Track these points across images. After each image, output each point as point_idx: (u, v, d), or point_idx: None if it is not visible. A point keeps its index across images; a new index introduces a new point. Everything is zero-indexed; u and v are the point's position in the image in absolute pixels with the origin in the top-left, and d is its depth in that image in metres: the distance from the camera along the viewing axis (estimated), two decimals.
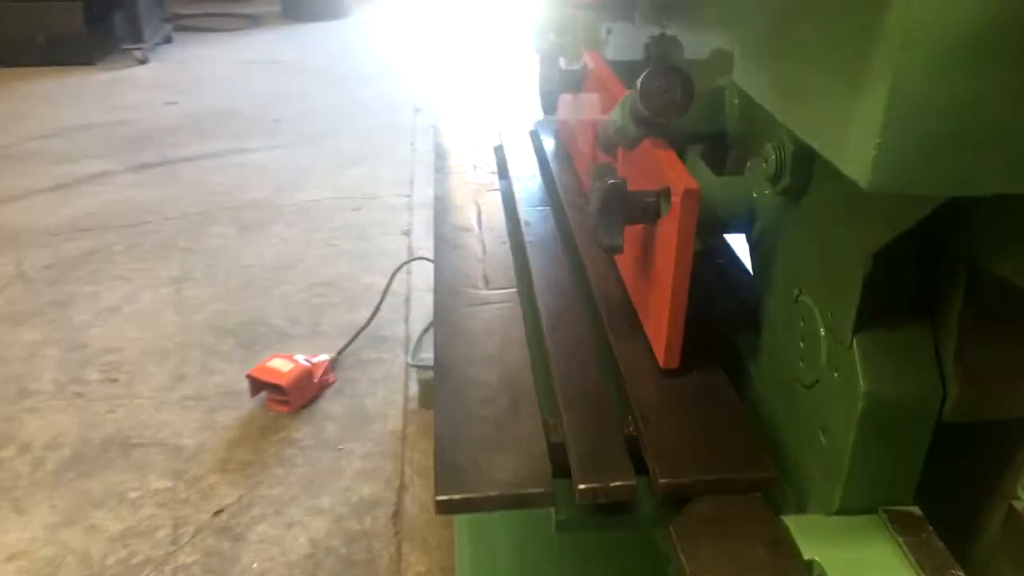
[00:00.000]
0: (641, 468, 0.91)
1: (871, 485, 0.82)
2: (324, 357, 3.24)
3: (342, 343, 3.44)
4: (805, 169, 0.87)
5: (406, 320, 3.65)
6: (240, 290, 3.80)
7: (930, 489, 0.84)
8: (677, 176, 0.94)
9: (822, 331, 0.86)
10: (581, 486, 0.87)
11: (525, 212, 1.44)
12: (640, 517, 0.90)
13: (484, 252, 1.33)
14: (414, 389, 3.25)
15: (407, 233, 4.32)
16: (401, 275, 3.86)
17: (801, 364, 0.90)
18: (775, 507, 0.87)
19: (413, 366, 3.28)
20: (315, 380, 3.15)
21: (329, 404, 3.15)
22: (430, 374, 3.12)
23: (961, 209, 0.72)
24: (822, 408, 0.86)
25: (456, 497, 0.85)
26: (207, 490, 2.71)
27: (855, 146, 0.57)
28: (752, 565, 0.78)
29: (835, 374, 0.83)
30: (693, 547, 0.80)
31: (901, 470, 0.82)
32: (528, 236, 1.36)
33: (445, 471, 0.87)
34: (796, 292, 0.91)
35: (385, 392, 3.23)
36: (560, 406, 0.99)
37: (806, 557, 0.79)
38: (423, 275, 3.87)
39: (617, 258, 1.21)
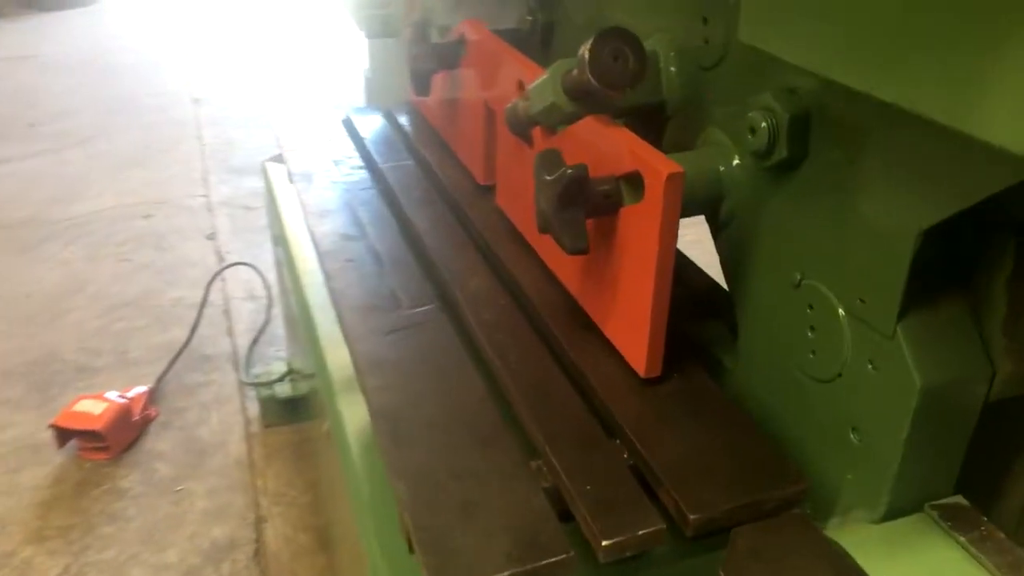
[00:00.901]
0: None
1: (920, 481, 0.74)
2: (141, 389, 2.87)
3: (159, 369, 3.07)
4: (803, 139, 0.76)
5: (229, 333, 3.32)
6: (22, 324, 3.31)
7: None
8: (653, 158, 0.80)
9: (843, 317, 0.76)
10: (605, 543, 0.72)
11: (412, 212, 1.25)
12: (665, 561, 0.77)
13: (383, 264, 1.13)
14: (253, 408, 2.96)
15: (212, 237, 3.93)
16: (214, 283, 3.51)
17: (812, 356, 0.80)
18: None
19: (248, 384, 2.98)
20: (135, 417, 2.78)
21: (156, 442, 2.80)
22: (271, 390, 2.84)
23: None
24: (850, 404, 0.77)
25: None
26: (23, 567, 2.31)
27: (1005, 111, 0.46)
28: None
29: (869, 366, 0.73)
30: None
31: (947, 460, 0.74)
32: (428, 241, 1.17)
33: (439, 562, 0.69)
34: (798, 276, 0.80)
35: (220, 417, 2.91)
36: (541, 443, 0.83)
37: None
38: (239, 281, 3.53)
39: (552, 258, 1.06)
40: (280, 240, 2.47)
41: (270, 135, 4.98)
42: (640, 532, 0.73)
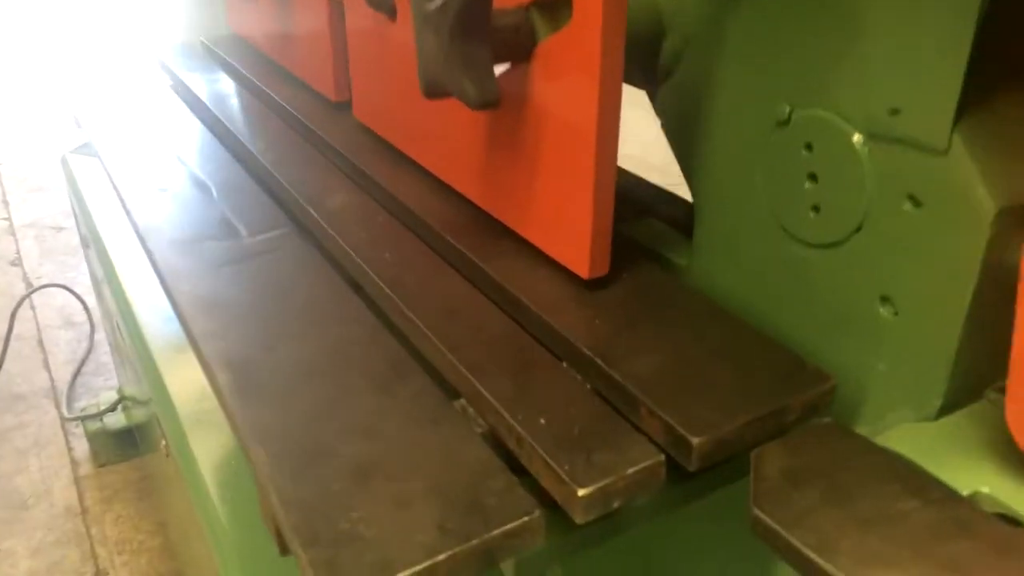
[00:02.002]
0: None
1: (986, 357, 0.54)
2: None
3: None
4: None
5: (46, 365, 2.87)
6: None
7: None
8: None
9: (860, 147, 0.55)
10: (582, 491, 0.48)
11: (245, 135, 0.97)
12: (661, 508, 0.54)
13: (209, 191, 0.84)
14: (82, 447, 2.54)
15: (16, 263, 3.43)
16: (23, 313, 3.03)
17: (814, 215, 0.59)
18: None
19: (73, 419, 2.56)
20: None
21: None
22: (101, 422, 2.43)
23: None
24: (878, 267, 0.56)
25: None
26: None
27: None
28: (918, 534, 0.46)
29: (907, 203, 0.53)
30: (812, 530, 0.46)
31: (1007, 328, 0.55)
32: (269, 161, 0.90)
33: (330, 555, 0.43)
34: (786, 109, 0.59)
35: (41, 462, 2.48)
36: (463, 376, 0.58)
37: (964, 492, 0.49)
38: (53, 308, 3.07)
39: (438, 161, 0.81)
40: (92, 240, 2.10)
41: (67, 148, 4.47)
42: (630, 471, 0.49)
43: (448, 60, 0.60)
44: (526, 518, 0.46)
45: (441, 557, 0.43)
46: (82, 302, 2.95)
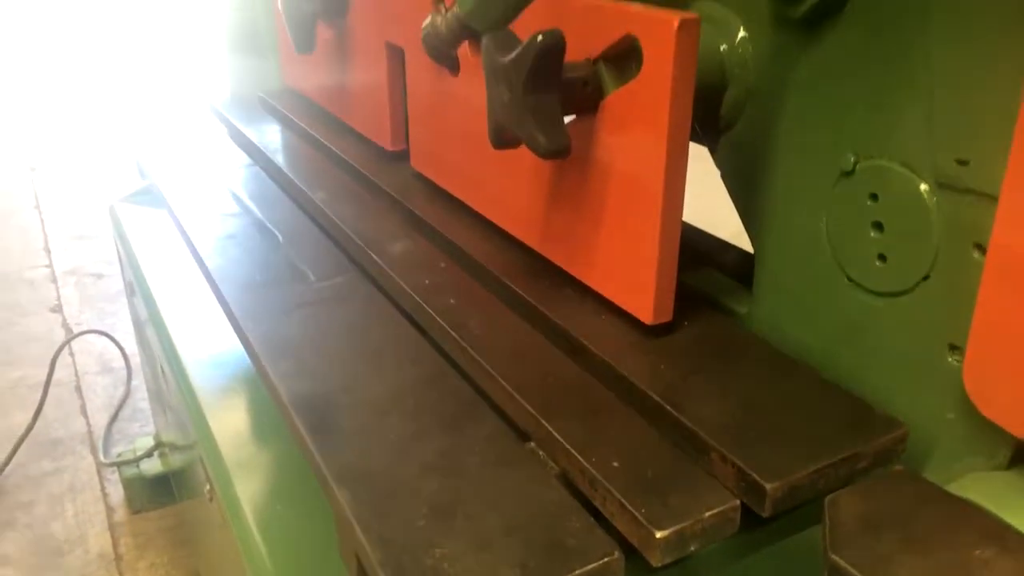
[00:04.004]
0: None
1: None
2: None
3: None
4: None
5: (83, 412, 2.90)
6: None
7: None
8: (651, 10, 0.60)
9: (928, 196, 0.56)
10: (660, 534, 0.48)
11: (308, 185, 1.00)
12: (735, 553, 0.54)
13: (276, 238, 0.87)
14: (117, 493, 2.55)
15: (57, 309, 3.49)
16: (62, 359, 3.08)
17: (880, 264, 0.60)
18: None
19: (109, 464, 2.58)
20: None
21: None
22: (137, 468, 2.45)
23: None
24: (945, 315, 0.57)
25: None
26: None
27: None
28: None
29: (975, 253, 0.54)
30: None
31: None
32: (332, 210, 0.92)
33: None
34: (851, 159, 0.61)
35: (76, 508, 2.49)
36: (534, 418, 0.59)
37: None
38: (91, 354, 3.12)
39: (498, 209, 0.83)
40: (138, 288, 2.14)
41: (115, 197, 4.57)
42: (707, 514, 0.50)
43: (520, 111, 0.62)
44: (607, 559, 0.47)
45: None
46: (120, 348, 3.00)
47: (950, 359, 0.58)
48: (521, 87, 0.61)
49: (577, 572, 0.46)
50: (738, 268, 0.78)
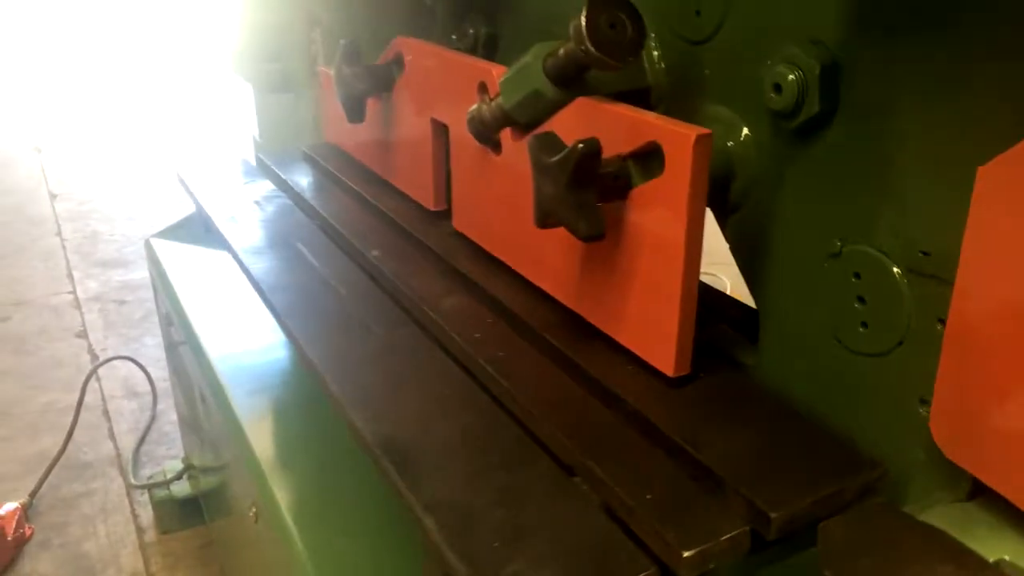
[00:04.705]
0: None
1: None
2: (12, 506, 2.54)
3: (31, 484, 2.74)
4: (834, 90, 0.71)
5: (111, 435, 3.02)
6: None
7: None
8: (672, 124, 0.73)
9: (900, 278, 0.69)
10: (687, 554, 0.61)
11: (361, 243, 1.13)
12: (745, 571, 0.66)
13: (341, 293, 1.00)
14: (146, 515, 2.66)
15: (82, 335, 3.61)
16: (90, 384, 3.19)
17: (863, 330, 0.73)
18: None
19: (139, 487, 2.69)
20: (8, 537, 2.45)
21: (35, 563, 2.48)
22: (167, 490, 2.56)
23: None
24: (916, 373, 0.70)
25: None
26: None
27: None
28: None
29: (938, 325, 0.67)
30: None
31: None
32: (386, 268, 1.05)
33: None
34: (837, 244, 0.74)
35: (108, 528, 2.61)
36: (578, 457, 0.72)
37: (991, 559, 0.61)
38: (117, 379, 3.23)
39: (536, 270, 0.96)
40: (176, 319, 2.26)
41: (135, 227, 4.70)
42: (723, 538, 0.62)
43: (563, 203, 0.75)
44: (646, 573, 0.59)
45: None
46: (147, 374, 3.12)
47: (920, 410, 0.70)
48: (564, 184, 0.74)
49: None
50: (745, 323, 0.90)
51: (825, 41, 0.71)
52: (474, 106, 0.99)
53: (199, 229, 2.58)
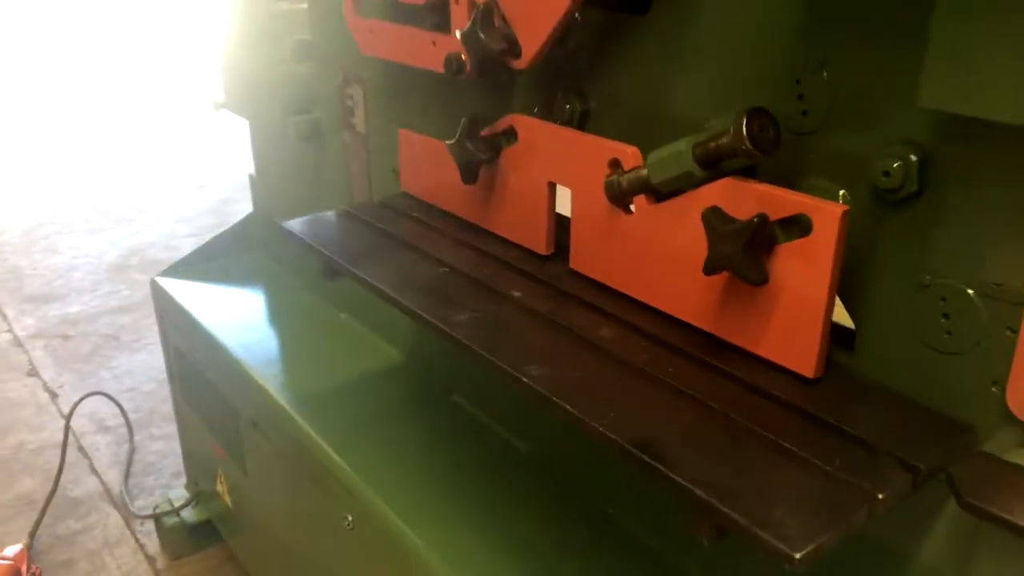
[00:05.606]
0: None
1: None
2: (17, 547, 2.61)
3: (16, 528, 2.79)
4: (927, 174, 1.04)
5: (93, 470, 3.06)
6: None
7: None
8: (816, 201, 1.05)
9: (979, 302, 1.03)
10: (880, 495, 0.92)
11: (497, 283, 1.39)
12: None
13: (507, 326, 1.26)
14: (152, 543, 2.75)
15: (34, 374, 3.59)
16: (58, 423, 3.22)
17: (947, 336, 1.07)
18: None
19: (147, 517, 2.77)
20: None
21: None
22: (176, 518, 2.67)
23: None
24: (990, 365, 1.03)
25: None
26: None
27: None
28: None
29: (1008, 332, 1.01)
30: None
31: None
32: (528, 303, 1.31)
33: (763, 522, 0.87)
34: (927, 278, 1.07)
35: (117, 560, 2.68)
36: (775, 440, 1.02)
37: None
38: (83, 416, 3.25)
39: (671, 301, 1.25)
40: (205, 351, 2.40)
41: (59, 259, 4.62)
42: (897, 486, 0.94)
43: (738, 259, 1.05)
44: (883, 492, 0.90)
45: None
46: (120, 408, 3.16)
47: (994, 390, 1.04)
48: (741, 247, 1.04)
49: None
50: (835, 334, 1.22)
51: (916, 139, 1.04)
52: (612, 176, 1.27)
53: (199, 267, 2.71)
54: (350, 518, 1.82)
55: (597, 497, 1.59)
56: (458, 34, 1.38)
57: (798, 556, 0.85)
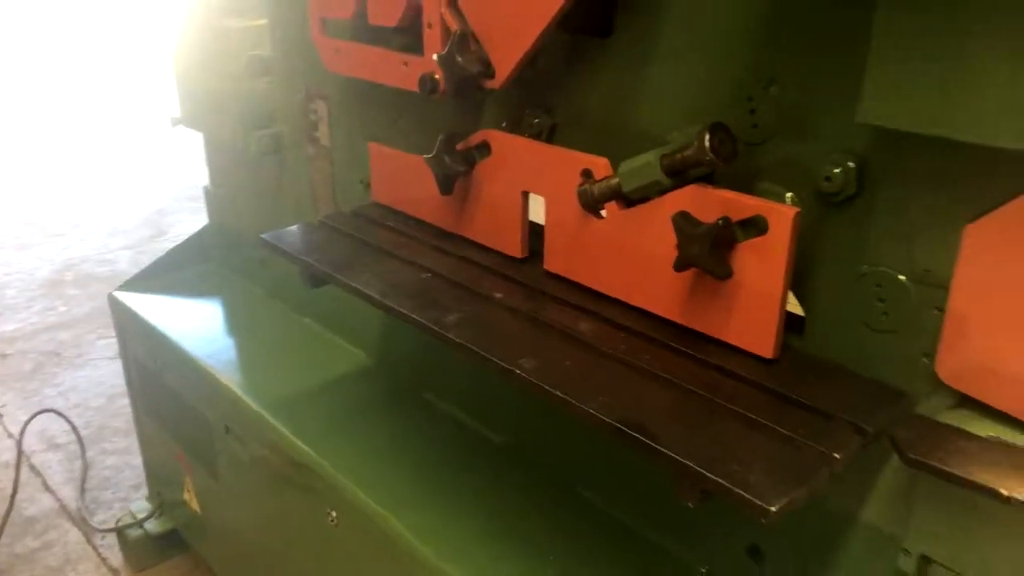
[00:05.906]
0: None
1: None
2: None
3: None
4: (863, 178, 1.20)
5: (46, 487, 3.04)
6: None
7: None
8: (771, 205, 1.20)
9: (911, 287, 1.20)
10: (837, 455, 1.08)
11: (478, 286, 1.50)
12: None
13: (491, 323, 1.38)
14: (114, 557, 2.76)
15: None
16: (6, 443, 3.19)
17: (884, 316, 1.24)
18: None
19: (110, 531, 2.78)
20: None
21: None
22: (139, 531, 2.70)
23: None
24: (921, 340, 1.20)
25: None
26: None
27: None
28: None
29: (935, 311, 1.18)
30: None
31: None
32: (510, 303, 1.44)
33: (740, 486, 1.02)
34: (864, 268, 1.23)
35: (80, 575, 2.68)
36: (743, 412, 1.17)
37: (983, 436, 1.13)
38: (31, 434, 3.21)
39: (642, 295, 1.39)
40: (173, 363, 2.44)
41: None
42: (852, 447, 1.10)
43: (706, 257, 1.20)
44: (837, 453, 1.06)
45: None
46: (72, 425, 3.15)
47: (924, 360, 1.21)
48: (708, 246, 1.19)
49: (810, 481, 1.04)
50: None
51: (855, 148, 1.21)
52: (584, 184, 1.40)
53: (157, 280, 2.74)
54: (334, 514, 1.90)
55: (570, 480, 1.72)
56: (435, 57, 1.49)
57: (774, 509, 1.00)
